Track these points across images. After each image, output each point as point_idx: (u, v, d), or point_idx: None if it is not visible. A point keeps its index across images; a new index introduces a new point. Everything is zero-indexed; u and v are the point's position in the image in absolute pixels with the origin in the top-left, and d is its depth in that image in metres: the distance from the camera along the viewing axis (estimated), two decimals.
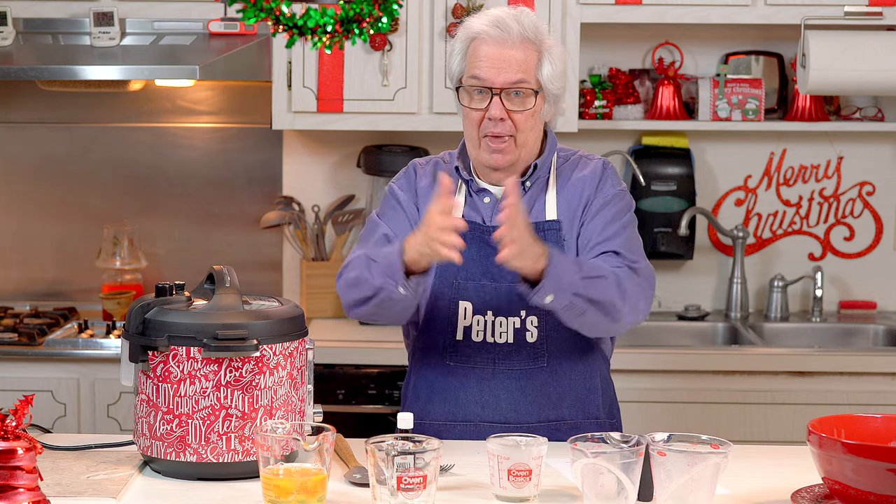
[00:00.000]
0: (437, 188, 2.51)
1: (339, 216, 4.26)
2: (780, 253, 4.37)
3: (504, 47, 2.56)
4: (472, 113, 2.59)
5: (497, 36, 2.56)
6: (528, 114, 2.58)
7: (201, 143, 4.32)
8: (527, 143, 2.61)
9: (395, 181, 2.75)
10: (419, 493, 2.08)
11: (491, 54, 2.56)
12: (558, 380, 2.64)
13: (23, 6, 4.02)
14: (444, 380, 2.67)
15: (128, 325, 2.33)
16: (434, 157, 2.78)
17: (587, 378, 2.68)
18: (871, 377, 3.75)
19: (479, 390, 2.64)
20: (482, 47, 2.57)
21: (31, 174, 4.32)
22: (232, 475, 2.30)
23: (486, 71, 2.56)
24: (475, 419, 2.64)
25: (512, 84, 2.56)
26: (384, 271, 2.49)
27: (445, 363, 2.66)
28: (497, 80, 2.56)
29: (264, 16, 2.50)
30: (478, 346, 2.64)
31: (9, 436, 1.99)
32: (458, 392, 2.66)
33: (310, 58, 3.94)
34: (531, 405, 2.63)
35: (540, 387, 2.64)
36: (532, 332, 2.63)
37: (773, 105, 4.26)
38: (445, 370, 2.67)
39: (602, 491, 2.10)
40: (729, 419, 3.73)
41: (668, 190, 4.22)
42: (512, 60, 2.56)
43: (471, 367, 2.65)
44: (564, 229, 2.63)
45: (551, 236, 2.62)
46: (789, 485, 2.25)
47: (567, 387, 2.65)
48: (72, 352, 3.83)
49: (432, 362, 2.69)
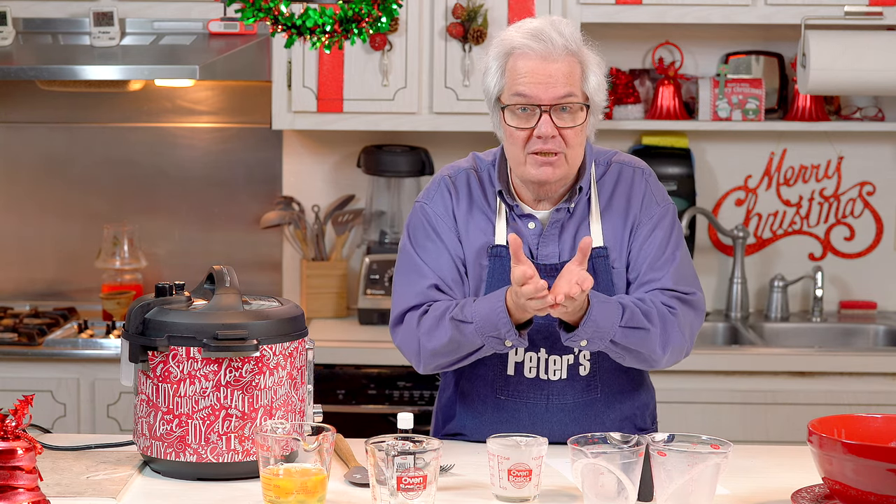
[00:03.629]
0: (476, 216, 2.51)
1: (339, 216, 4.26)
2: (781, 253, 4.37)
3: (548, 61, 2.42)
4: (518, 133, 2.45)
5: (540, 49, 2.42)
6: (578, 129, 2.44)
7: (201, 143, 4.32)
8: (576, 158, 2.48)
9: (429, 203, 2.58)
10: (419, 493, 2.08)
11: (535, 69, 2.42)
12: (609, 405, 2.60)
13: (23, 6, 4.02)
14: (496, 413, 2.59)
15: (128, 325, 2.33)
16: (463, 167, 2.61)
17: (635, 397, 2.64)
18: (871, 377, 3.75)
19: (531, 423, 2.56)
20: (522, 62, 2.43)
21: (31, 174, 4.32)
22: (232, 475, 2.30)
23: (531, 87, 2.42)
24: None
25: (560, 99, 2.42)
26: (484, 331, 2.40)
27: (497, 397, 2.59)
28: (545, 96, 2.42)
29: (263, 16, 2.49)
30: (530, 381, 2.56)
31: (9, 436, 1.99)
32: (509, 424, 2.57)
33: (310, 58, 3.94)
34: (581, 430, 2.51)
35: (594, 416, 2.59)
36: (585, 366, 2.56)
37: (774, 105, 4.26)
38: (496, 404, 2.59)
39: (602, 491, 2.10)
40: (729, 419, 3.73)
41: (669, 190, 4.18)
42: (558, 74, 2.42)
43: (523, 403, 2.57)
44: (612, 256, 2.53)
45: (600, 264, 2.52)
46: (789, 485, 2.25)
47: (618, 410, 2.61)
48: (72, 352, 3.83)
49: (483, 394, 2.60)
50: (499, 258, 2.52)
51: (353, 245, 4.33)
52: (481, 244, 2.54)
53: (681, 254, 2.56)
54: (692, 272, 2.59)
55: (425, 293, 2.52)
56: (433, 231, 2.56)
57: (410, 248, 2.57)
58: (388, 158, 4.15)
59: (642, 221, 2.54)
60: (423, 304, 2.52)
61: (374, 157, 4.16)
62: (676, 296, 2.52)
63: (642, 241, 2.54)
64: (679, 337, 2.50)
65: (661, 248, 2.54)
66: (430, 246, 2.56)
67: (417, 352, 2.52)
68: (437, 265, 2.54)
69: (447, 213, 2.57)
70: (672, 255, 2.54)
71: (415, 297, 2.53)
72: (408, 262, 2.56)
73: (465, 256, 2.55)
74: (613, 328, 2.40)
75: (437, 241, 2.55)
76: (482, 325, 2.40)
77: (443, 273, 2.53)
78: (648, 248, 2.53)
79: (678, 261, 2.55)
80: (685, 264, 2.57)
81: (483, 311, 2.41)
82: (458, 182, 2.59)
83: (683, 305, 2.52)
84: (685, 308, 2.53)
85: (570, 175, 2.51)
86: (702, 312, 2.58)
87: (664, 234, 2.55)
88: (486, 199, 2.57)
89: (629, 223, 2.54)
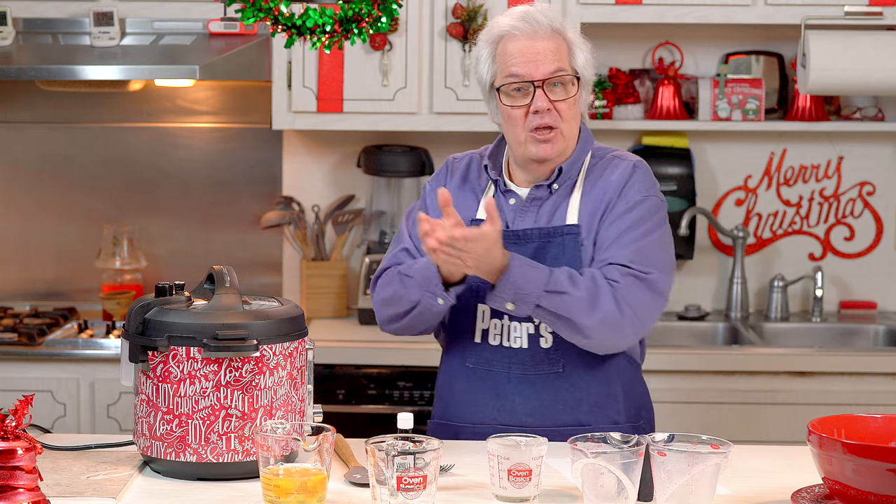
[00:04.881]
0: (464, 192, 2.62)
1: (339, 216, 4.26)
2: (781, 253, 4.37)
3: (535, 40, 2.55)
4: (515, 112, 2.56)
5: (526, 29, 2.55)
6: (571, 102, 2.56)
7: (201, 143, 4.32)
8: (572, 133, 2.59)
9: (430, 179, 2.76)
10: (419, 493, 2.08)
11: (523, 48, 2.54)
12: (575, 385, 2.61)
13: (23, 6, 4.02)
14: (465, 382, 2.66)
15: (128, 325, 2.33)
16: (471, 154, 2.75)
17: (606, 384, 2.64)
18: (871, 377, 3.75)
19: (495, 394, 2.63)
20: (512, 44, 2.55)
21: (31, 174, 4.32)
22: (232, 475, 2.30)
23: (522, 66, 2.54)
24: (491, 422, 2.61)
25: (551, 74, 2.54)
26: (421, 285, 2.52)
27: (466, 364, 2.66)
28: (536, 73, 2.54)
29: (263, 16, 2.49)
30: (494, 349, 2.63)
31: (9, 436, 1.99)
32: (475, 395, 2.65)
33: (310, 58, 3.94)
34: (547, 410, 2.61)
35: (556, 392, 2.61)
36: (546, 338, 2.60)
37: (774, 105, 4.27)
38: (466, 372, 2.66)
39: (602, 491, 2.10)
40: (729, 419, 3.73)
41: (669, 190, 4.22)
42: (546, 51, 2.54)
43: (488, 371, 2.63)
44: (583, 234, 2.59)
45: (569, 241, 2.58)
46: (789, 485, 2.25)
47: (584, 392, 2.62)
48: (72, 352, 3.83)
49: (454, 363, 2.68)
50: None
51: (353, 245, 4.33)
52: (464, 218, 2.62)
53: (651, 239, 2.58)
54: (662, 259, 2.59)
55: (396, 256, 2.68)
56: (423, 205, 2.72)
57: (404, 221, 2.74)
58: (388, 158, 4.15)
59: (617, 204, 2.60)
60: (393, 265, 2.67)
61: (374, 157, 4.16)
62: (629, 272, 2.53)
63: (611, 220, 2.59)
64: (612, 308, 2.49)
65: (629, 230, 2.57)
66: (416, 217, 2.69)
67: (374, 302, 2.68)
68: (417, 233, 2.64)
69: (440, 186, 2.69)
70: (639, 237, 2.56)
71: (387, 261, 2.69)
72: (398, 234, 2.74)
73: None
74: (537, 291, 2.45)
75: (423, 211, 2.67)
76: (419, 278, 2.53)
77: (418, 241, 2.64)
78: (615, 227, 2.58)
79: (643, 243, 2.56)
80: (653, 249, 2.58)
81: (421, 265, 2.55)
82: (458, 163, 2.74)
83: (635, 281, 2.52)
84: (636, 284, 2.52)
85: (568, 151, 2.61)
86: (660, 296, 2.56)
87: (636, 218, 2.58)
88: (479, 180, 2.70)
89: (605, 204, 2.60)
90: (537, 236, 2.60)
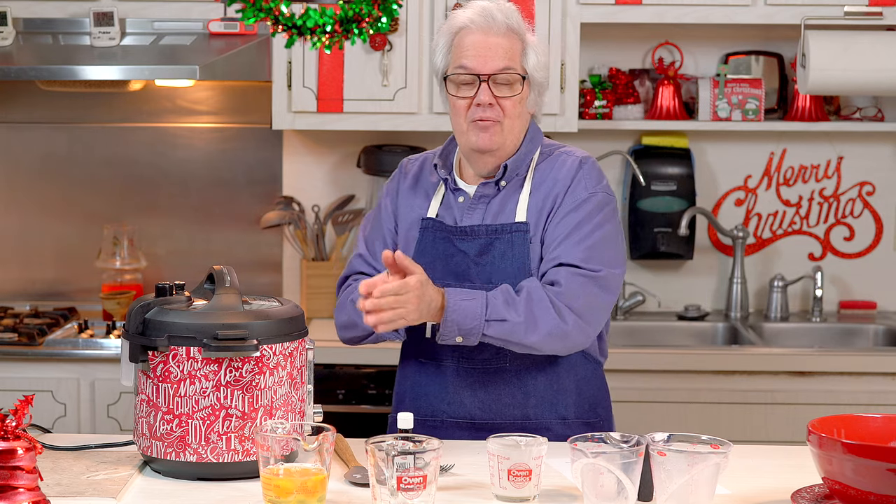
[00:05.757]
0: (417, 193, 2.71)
1: (339, 216, 4.26)
2: (780, 253, 4.37)
3: (489, 35, 2.60)
4: (459, 101, 2.63)
5: (482, 24, 2.60)
6: (516, 100, 2.61)
7: (201, 143, 4.32)
8: (513, 129, 2.63)
9: (386, 182, 2.83)
10: (419, 493, 2.08)
11: (477, 42, 2.60)
12: (522, 380, 2.66)
13: (23, 6, 4.01)
14: (417, 377, 2.72)
15: (128, 325, 2.33)
16: (425, 154, 2.82)
17: (555, 379, 2.67)
18: (871, 377, 3.75)
19: (444, 388, 2.68)
20: (468, 37, 2.62)
21: (31, 174, 4.32)
22: (232, 475, 2.30)
23: (472, 60, 2.60)
24: (442, 416, 2.67)
25: (499, 70, 2.59)
26: None
27: (419, 359, 2.71)
28: (484, 67, 2.59)
29: (263, 16, 2.49)
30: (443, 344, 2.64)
31: (9, 436, 1.99)
32: (427, 389, 2.69)
33: (310, 58, 3.94)
34: (495, 403, 2.66)
35: (504, 386, 2.66)
36: None
37: (773, 105, 4.27)
38: (417, 367, 2.71)
39: (602, 491, 2.10)
40: (729, 419, 3.73)
41: (668, 190, 4.22)
42: (498, 48, 2.59)
43: (437, 364, 2.68)
44: (532, 231, 2.63)
45: (518, 238, 2.62)
46: (789, 485, 2.25)
47: (532, 387, 2.66)
48: (72, 352, 3.83)
49: (409, 359, 2.74)
50: (427, 230, 2.69)
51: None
52: (415, 218, 2.72)
53: (600, 234, 2.60)
54: (611, 255, 2.61)
55: (352, 265, 2.77)
56: (378, 210, 2.79)
57: (362, 225, 2.83)
58: (388, 158, 4.15)
59: (564, 202, 2.63)
60: (351, 275, 2.76)
61: (374, 157, 4.16)
62: (579, 272, 2.55)
63: (559, 219, 2.62)
64: (554, 321, 2.51)
65: (577, 227, 2.59)
66: (374, 223, 2.79)
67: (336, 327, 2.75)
68: (371, 239, 2.77)
69: (393, 192, 2.78)
70: (587, 235, 2.59)
71: (347, 269, 2.79)
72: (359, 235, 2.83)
73: (399, 230, 2.74)
74: (478, 323, 2.49)
75: (378, 217, 2.77)
76: None
77: (373, 246, 2.75)
78: (562, 225, 2.61)
79: (593, 240, 2.59)
80: (602, 245, 2.60)
81: None
82: (411, 165, 2.81)
83: (583, 281, 2.55)
84: (584, 284, 2.55)
85: (507, 145, 2.65)
86: (610, 293, 2.59)
87: (583, 216, 2.60)
88: (431, 179, 2.76)
89: (550, 201, 2.64)
90: (485, 233, 2.64)
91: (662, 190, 4.23)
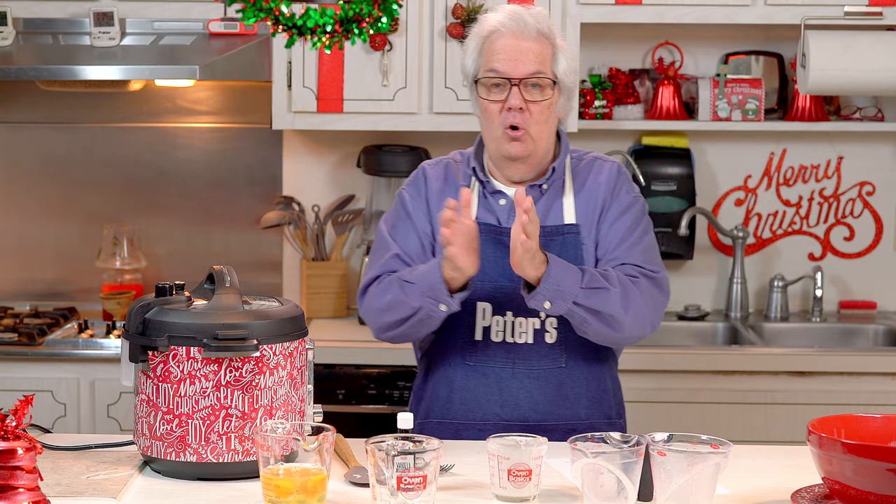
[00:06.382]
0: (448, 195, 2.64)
1: (339, 216, 4.26)
2: (780, 253, 4.37)
3: (521, 39, 2.60)
4: (491, 105, 2.62)
5: (514, 28, 2.60)
6: (546, 105, 2.61)
7: (201, 143, 4.32)
8: (542, 135, 2.63)
9: (406, 187, 2.77)
10: (419, 493, 2.08)
11: (508, 46, 2.60)
12: (575, 380, 2.67)
13: (23, 6, 4.02)
14: (464, 380, 2.68)
15: (128, 325, 2.33)
16: (444, 159, 2.80)
17: (601, 379, 2.71)
18: (871, 377, 3.75)
19: (498, 390, 2.66)
20: (499, 41, 2.61)
21: (31, 174, 4.32)
22: (232, 475, 2.30)
23: (503, 63, 2.60)
24: (494, 419, 2.65)
25: (530, 75, 2.59)
26: (423, 291, 2.54)
27: (465, 363, 2.68)
28: (515, 71, 2.59)
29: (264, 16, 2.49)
30: (497, 346, 2.66)
31: (9, 436, 1.99)
32: (477, 392, 2.67)
33: (310, 58, 3.94)
34: (549, 405, 2.66)
35: (557, 387, 2.66)
36: (551, 333, 2.65)
37: (773, 105, 4.27)
38: (465, 370, 2.68)
39: (602, 491, 2.10)
40: (729, 419, 3.74)
41: (668, 190, 4.22)
42: (529, 52, 2.60)
43: (490, 367, 2.66)
44: (583, 233, 2.66)
45: (570, 240, 2.65)
46: (789, 485, 2.25)
47: (584, 387, 2.68)
48: (72, 352, 3.83)
49: (451, 362, 2.70)
50: None
51: (353, 245, 4.33)
52: None
53: (648, 238, 2.69)
54: (658, 258, 2.71)
55: (387, 263, 2.68)
56: (404, 212, 2.74)
57: (384, 229, 2.75)
58: (388, 158, 4.15)
59: (612, 205, 2.68)
60: (385, 273, 2.68)
61: (374, 157, 4.16)
62: (642, 271, 2.63)
63: (611, 221, 2.67)
64: (641, 302, 2.57)
65: (630, 230, 2.67)
66: (400, 225, 2.73)
67: (370, 313, 2.68)
68: (404, 240, 2.71)
69: (420, 196, 2.74)
70: (640, 238, 2.67)
71: (378, 269, 2.69)
72: (379, 241, 2.74)
73: (435, 232, 2.70)
74: (575, 288, 2.50)
75: (407, 220, 2.72)
76: (421, 284, 2.55)
77: (408, 247, 2.70)
78: (617, 228, 2.66)
79: (645, 243, 2.68)
80: (651, 249, 2.69)
81: (423, 271, 2.57)
82: (434, 170, 2.77)
83: (648, 280, 2.63)
84: (649, 283, 2.63)
85: (536, 153, 2.65)
86: (666, 293, 2.67)
87: (633, 219, 2.68)
88: (459, 182, 2.73)
89: (599, 204, 2.68)
90: (541, 235, 2.61)
91: (662, 190, 4.23)
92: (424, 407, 2.75)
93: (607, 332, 2.58)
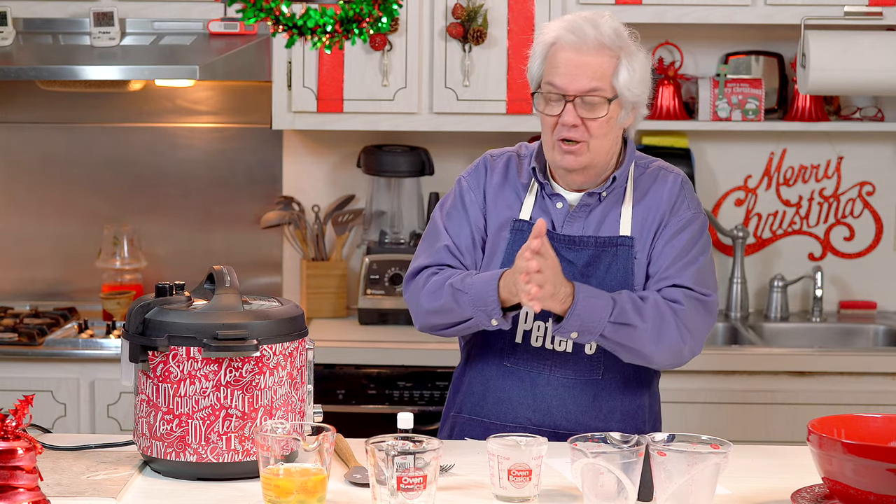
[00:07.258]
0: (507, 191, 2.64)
1: (339, 216, 4.26)
2: (780, 253, 4.37)
3: (580, 53, 2.55)
4: (547, 118, 2.58)
5: (573, 42, 2.55)
6: (602, 121, 2.55)
7: (201, 143, 4.32)
8: (601, 149, 2.58)
9: (466, 175, 2.73)
10: (419, 493, 2.08)
11: (567, 61, 2.55)
12: (610, 393, 2.65)
13: (23, 6, 4.01)
14: (500, 381, 2.67)
15: (128, 325, 2.33)
16: (508, 151, 2.75)
17: (637, 394, 2.68)
18: (871, 377, 3.75)
19: (532, 395, 2.65)
20: (559, 54, 2.56)
21: (31, 174, 4.32)
22: (232, 475, 2.30)
23: (561, 78, 2.55)
24: (525, 423, 2.64)
25: (585, 92, 2.54)
26: (475, 303, 2.52)
27: (503, 364, 2.67)
28: (570, 87, 2.54)
29: (264, 16, 2.49)
30: (536, 350, 2.64)
31: (9, 436, 1.99)
32: (511, 394, 2.66)
33: (310, 58, 3.94)
34: (581, 415, 2.64)
35: (592, 399, 2.64)
36: (592, 345, 2.62)
37: (773, 105, 4.26)
38: (502, 371, 2.67)
39: (602, 491, 2.10)
40: (729, 419, 3.73)
41: None
42: (587, 68, 2.54)
43: (527, 371, 2.65)
44: (637, 247, 2.62)
45: (623, 252, 2.61)
46: (789, 485, 2.25)
47: (618, 401, 2.65)
48: (72, 352, 3.83)
49: (490, 361, 2.69)
50: (519, 232, 2.64)
51: (353, 245, 4.33)
52: (506, 218, 2.67)
53: (704, 259, 2.63)
54: (713, 279, 2.65)
55: (437, 254, 2.67)
56: (461, 202, 2.70)
57: (438, 215, 2.73)
58: (388, 158, 4.15)
59: (671, 221, 2.63)
60: (434, 265, 2.66)
61: (374, 157, 4.16)
62: (692, 294, 2.58)
63: (667, 239, 2.62)
64: (675, 336, 2.54)
65: (686, 249, 2.61)
66: (454, 214, 2.70)
67: (417, 308, 2.66)
68: (456, 231, 2.68)
69: (478, 187, 2.70)
70: (695, 259, 2.61)
71: (428, 258, 2.68)
72: (432, 227, 2.72)
73: (489, 228, 2.68)
74: (602, 322, 2.48)
75: (462, 210, 2.69)
76: (474, 297, 2.53)
77: (458, 239, 2.67)
78: (673, 247, 2.61)
79: (700, 264, 2.62)
80: (706, 270, 2.63)
81: (478, 284, 2.53)
82: (496, 162, 2.72)
83: (697, 304, 2.58)
84: (697, 307, 2.58)
85: (594, 164, 2.60)
86: (714, 315, 2.63)
87: (690, 237, 2.62)
88: (520, 179, 2.69)
89: (658, 219, 2.63)
90: (593, 244, 2.61)
91: None
92: (459, 400, 2.74)
93: (638, 361, 2.58)
